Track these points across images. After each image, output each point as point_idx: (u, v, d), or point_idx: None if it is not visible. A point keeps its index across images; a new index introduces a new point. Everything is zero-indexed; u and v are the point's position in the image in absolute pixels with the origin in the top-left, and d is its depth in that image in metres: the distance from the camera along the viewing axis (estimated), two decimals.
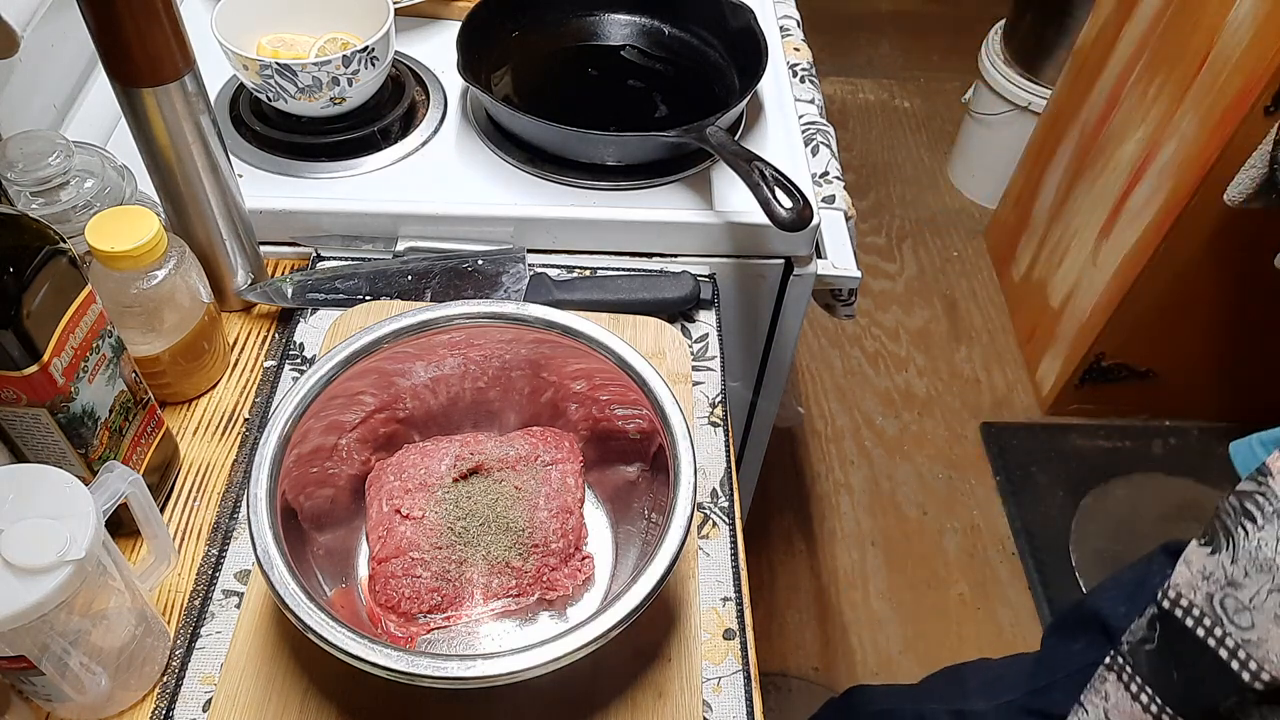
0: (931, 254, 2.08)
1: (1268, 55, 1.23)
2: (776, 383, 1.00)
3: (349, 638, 0.47)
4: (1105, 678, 0.69)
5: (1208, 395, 1.74)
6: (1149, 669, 0.65)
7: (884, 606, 1.54)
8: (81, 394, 0.55)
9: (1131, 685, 0.66)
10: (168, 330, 0.67)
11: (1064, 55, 1.79)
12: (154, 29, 0.59)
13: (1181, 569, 0.62)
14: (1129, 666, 0.66)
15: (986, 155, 2.12)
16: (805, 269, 0.86)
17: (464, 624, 0.59)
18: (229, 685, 0.56)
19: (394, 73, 0.89)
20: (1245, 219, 1.28)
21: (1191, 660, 0.61)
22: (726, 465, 0.70)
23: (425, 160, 0.86)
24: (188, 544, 0.64)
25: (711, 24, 0.95)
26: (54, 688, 0.51)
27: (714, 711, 0.58)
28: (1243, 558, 0.58)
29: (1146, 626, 0.65)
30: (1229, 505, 0.60)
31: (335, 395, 0.59)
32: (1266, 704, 0.59)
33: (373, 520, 0.61)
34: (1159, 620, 0.64)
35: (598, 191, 0.83)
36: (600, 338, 0.60)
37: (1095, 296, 1.63)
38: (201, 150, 0.66)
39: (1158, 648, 0.64)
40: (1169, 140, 1.44)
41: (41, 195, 0.65)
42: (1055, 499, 1.67)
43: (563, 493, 0.61)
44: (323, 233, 0.81)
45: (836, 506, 1.66)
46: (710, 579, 0.64)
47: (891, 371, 1.87)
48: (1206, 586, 0.60)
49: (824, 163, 0.96)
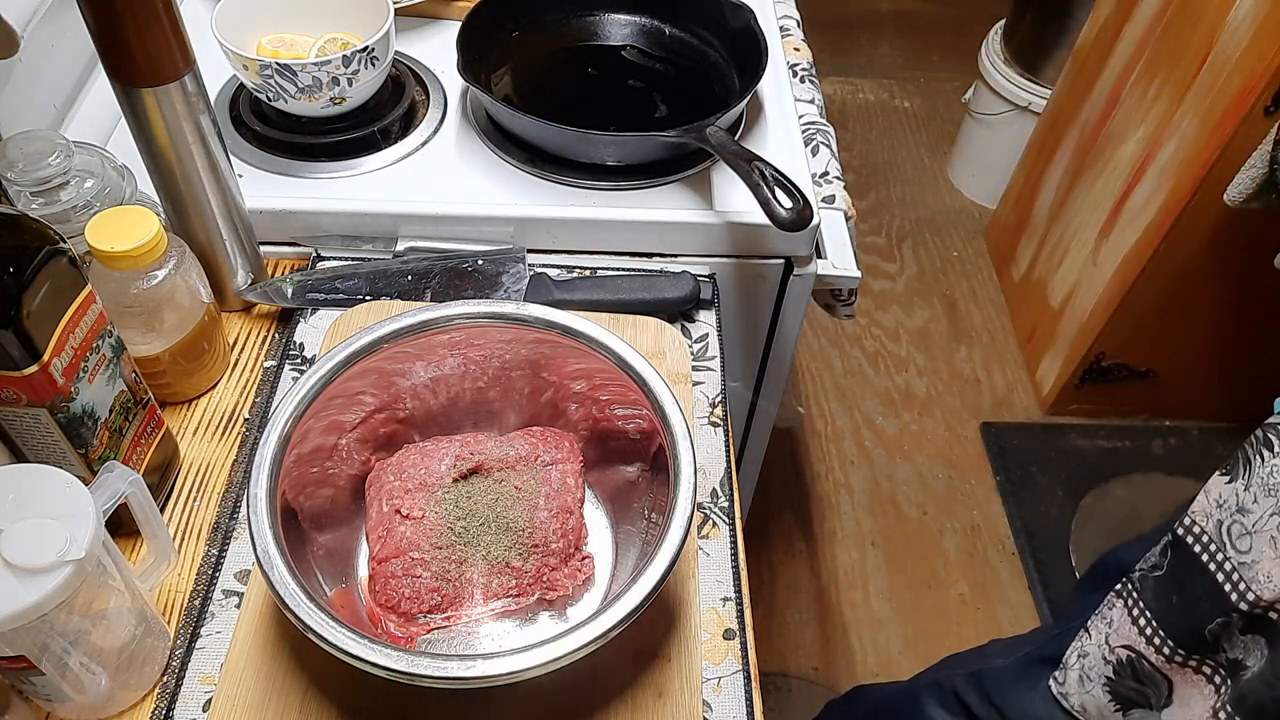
0: (931, 254, 2.08)
1: (1268, 55, 1.23)
2: (776, 383, 1.00)
3: (349, 638, 0.47)
4: (1114, 603, 0.70)
5: (1208, 395, 1.74)
6: (1153, 594, 0.66)
7: (884, 606, 1.54)
8: (81, 394, 0.55)
9: (1134, 610, 0.67)
10: (168, 330, 0.67)
11: (1064, 55, 1.79)
12: (154, 29, 0.59)
13: (1200, 498, 0.63)
14: (1135, 592, 0.67)
15: (986, 155, 2.12)
16: (805, 269, 0.86)
17: (464, 624, 0.59)
18: (229, 685, 0.56)
19: (394, 73, 0.89)
20: (1245, 219, 1.28)
21: (1193, 584, 0.62)
22: (726, 465, 0.70)
23: (425, 160, 0.86)
24: (188, 544, 0.64)
25: (711, 24, 0.95)
26: (54, 688, 0.51)
27: (714, 711, 0.58)
28: (1255, 484, 0.59)
29: (1159, 554, 0.66)
30: (1254, 436, 0.62)
31: (335, 395, 0.59)
32: (1249, 631, 0.60)
33: (373, 520, 0.61)
34: (1171, 546, 0.65)
35: (598, 191, 0.83)
36: (600, 338, 0.60)
37: (1095, 296, 1.63)
38: (201, 150, 0.66)
39: (1165, 574, 0.65)
40: (1169, 140, 1.44)
41: (41, 195, 0.65)
42: (1055, 499, 1.67)
43: (563, 493, 0.61)
44: (323, 233, 0.81)
45: (836, 506, 1.66)
46: (710, 579, 0.64)
47: (891, 371, 1.87)
48: (1219, 514, 0.61)
49: (824, 163, 0.96)
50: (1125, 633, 0.68)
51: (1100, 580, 0.86)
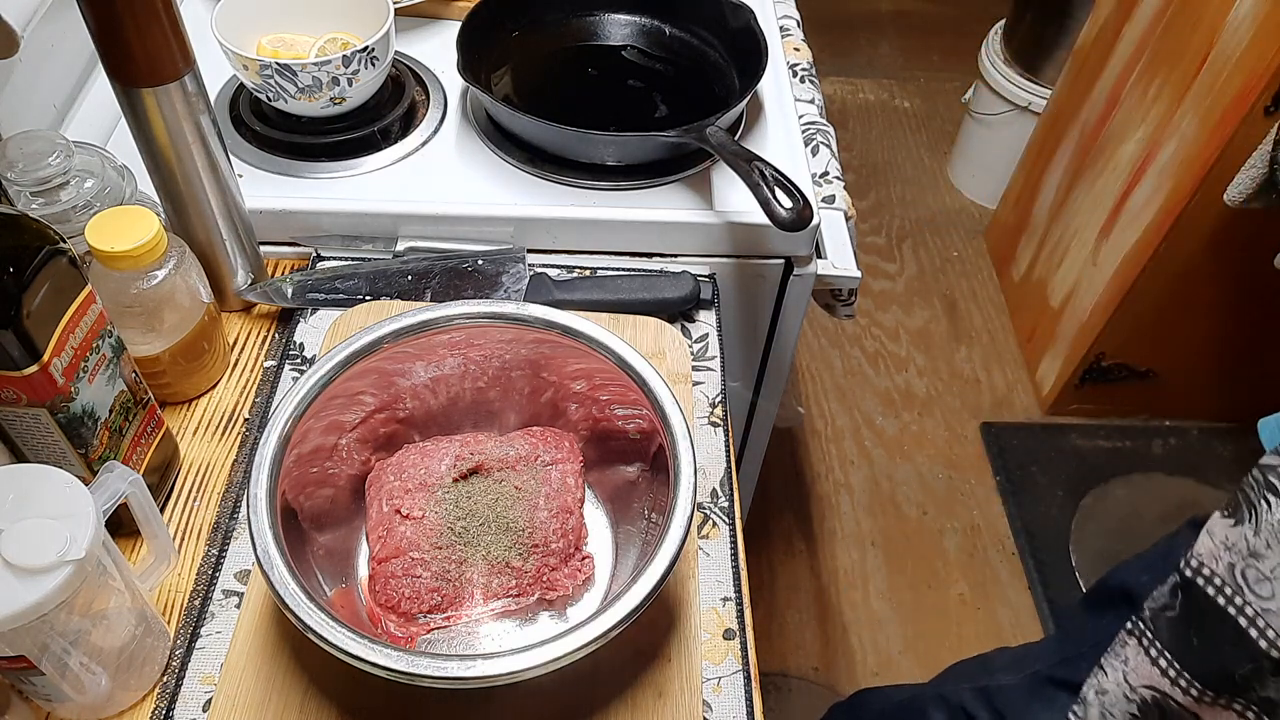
0: (931, 254, 2.08)
1: (1268, 55, 1.23)
2: (776, 383, 1.00)
3: (349, 638, 0.47)
4: (1126, 642, 0.69)
5: (1208, 395, 1.74)
6: (1169, 635, 0.65)
7: (884, 606, 1.54)
8: (81, 394, 0.55)
9: (1151, 650, 0.66)
10: (168, 330, 0.67)
11: (1064, 55, 1.79)
12: (154, 29, 0.59)
13: (1204, 539, 0.63)
14: (1149, 632, 0.67)
15: (986, 155, 2.12)
16: (805, 269, 0.86)
17: (464, 624, 0.59)
18: (229, 685, 0.56)
19: (394, 73, 0.89)
20: (1245, 219, 1.28)
21: (1211, 628, 0.62)
22: (726, 465, 0.70)
23: (425, 160, 0.86)
24: (188, 544, 0.64)
25: (711, 24, 0.95)
26: (54, 688, 0.51)
27: (714, 711, 0.58)
28: (1265, 530, 0.59)
29: (1169, 594, 0.66)
30: (1253, 479, 0.61)
31: (335, 395, 0.59)
32: None
33: (373, 520, 0.61)
34: (1181, 588, 0.65)
35: (598, 191, 0.83)
36: (600, 338, 0.60)
37: (1095, 296, 1.63)
38: (201, 150, 0.66)
39: (1179, 615, 0.65)
40: (1169, 140, 1.44)
41: (41, 195, 0.65)
42: (1055, 499, 1.67)
43: (563, 493, 0.61)
44: (323, 233, 0.81)
45: (836, 506, 1.66)
46: (710, 579, 0.64)
47: (891, 371, 1.87)
48: (1229, 557, 0.61)
49: (824, 163, 0.96)
50: (1146, 673, 0.67)
51: (1105, 602, 0.86)
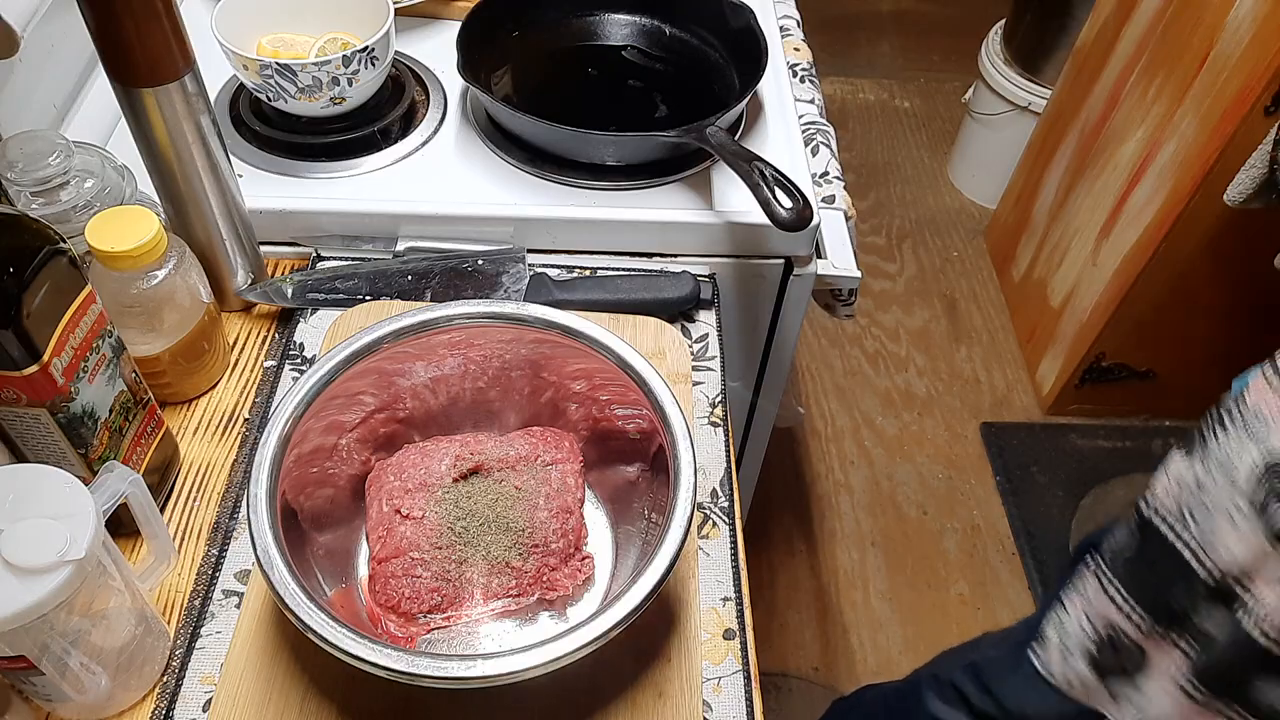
0: (931, 254, 2.08)
1: (1268, 55, 1.23)
2: (776, 383, 1.00)
3: (349, 638, 0.48)
4: (1085, 577, 0.72)
5: (1208, 395, 1.72)
6: (1125, 572, 0.68)
7: (884, 606, 1.54)
8: (81, 394, 0.55)
9: (1109, 588, 0.69)
10: (168, 330, 0.67)
11: (1064, 55, 1.79)
12: (154, 29, 0.59)
13: (1161, 476, 0.66)
14: (1107, 570, 0.70)
15: (986, 155, 2.12)
16: (805, 269, 0.86)
17: (464, 624, 0.59)
18: (229, 685, 0.56)
19: (394, 73, 0.89)
20: (1245, 219, 1.28)
21: (1161, 562, 0.65)
22: (726, 465, 0.70)
23: (425, 160, 0.86)
24: (188, 544, 0.64)
25: (711, 24, 0.95)
26: (54, 688, 0.51)
27: (714, 711, 0.58)
28: (1211, 461, 0.62)
29: (1127, 535, 0.69)
30: (1208, 415, 0.65)
31: (335, 395, 0.59)
32: (1214, 602, 0.62)
33: (373, 520, 0.61)
34: (1139, 528, 0.68)
35: (598, 191, 0.83)
36: (600, 338, 0.60)
37: (1095, 296, 1.63)
38: (201, 150, 0.66)
39: (1135, 553, 0.68)
40: (1169, 140, 1.44)
41: (41, 195, 0.65)
42: (1055, 499, 1.67)
43: (563, 493, 0.61)
44: (323, 233, 0.81)
45: (836, 506, 1.66)
46: (710, 579, 0.64)
47: (891, 371, 1.87)
48: (1179, 492, 0.64)
49: (824, 163, 0.95)
50: (1101, 607, 0.70)
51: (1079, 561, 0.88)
